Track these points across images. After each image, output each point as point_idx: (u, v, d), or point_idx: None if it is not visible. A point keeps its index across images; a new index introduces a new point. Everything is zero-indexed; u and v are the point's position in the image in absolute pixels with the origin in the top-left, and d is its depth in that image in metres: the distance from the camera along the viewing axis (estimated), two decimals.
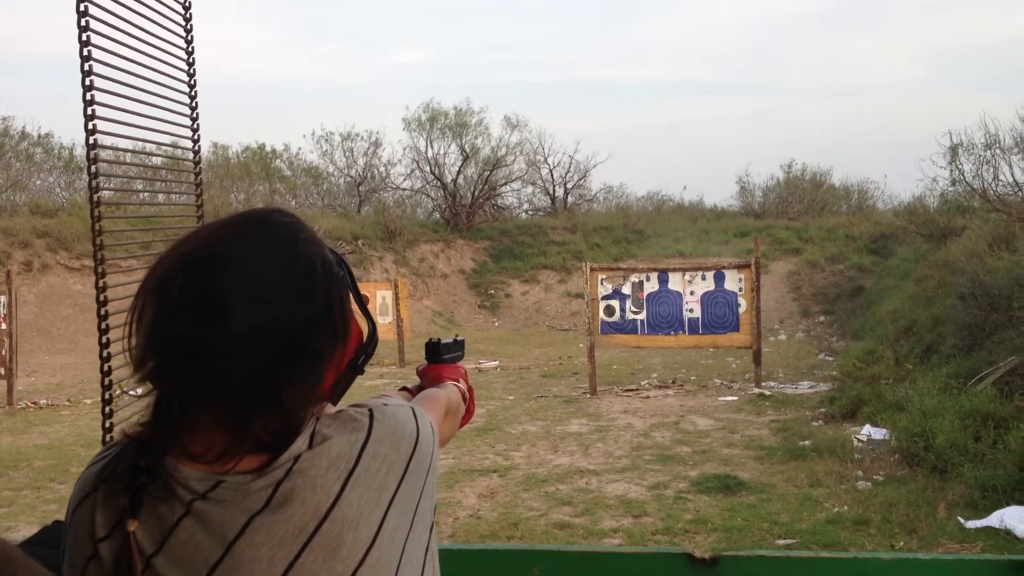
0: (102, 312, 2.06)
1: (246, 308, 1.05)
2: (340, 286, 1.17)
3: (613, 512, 7.35)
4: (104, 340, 2.07)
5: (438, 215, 30.37)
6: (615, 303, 13.59)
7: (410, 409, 1.21)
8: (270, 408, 1.06)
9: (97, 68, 2.20)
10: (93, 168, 2.25)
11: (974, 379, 9.34)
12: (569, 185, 33.13)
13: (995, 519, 6.26)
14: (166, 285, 1.07)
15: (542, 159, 32.54)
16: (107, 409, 2.07)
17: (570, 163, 32.96)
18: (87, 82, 2.16)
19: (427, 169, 30.55)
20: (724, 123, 62.83)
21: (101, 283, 2.13)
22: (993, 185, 14.79)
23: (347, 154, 31.87)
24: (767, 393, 12.50)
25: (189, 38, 2.60)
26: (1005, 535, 6.05)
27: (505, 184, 31.43)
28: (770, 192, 33.76)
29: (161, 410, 1.06)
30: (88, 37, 2.15)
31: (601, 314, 13.60)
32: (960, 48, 61.18)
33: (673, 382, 13.90)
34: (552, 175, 32.94)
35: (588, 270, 13.76)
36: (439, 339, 1.82)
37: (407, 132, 31.08)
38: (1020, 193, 14.47)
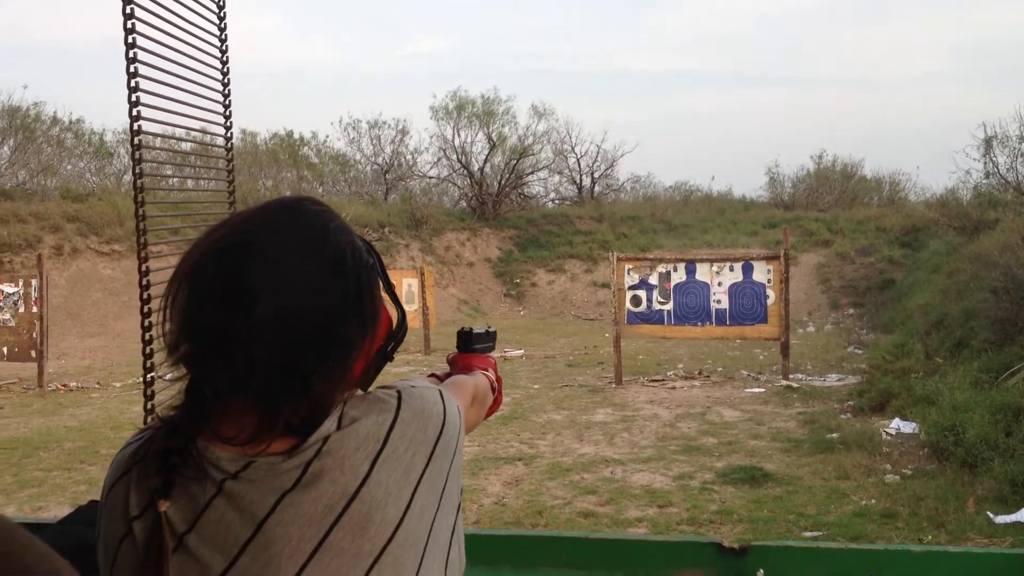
0: (144, 296, 2.06)
1: (273, 296, 1.07)
2: (370, 274, 1.18)
3: (638, 502, 7.33)
4: (146, 323, 2.07)
5: (464, 203, 30.38)
6: (642, 293, 13.54)
7: (437, 391, 1.22)
8: (298, 395, 1.08)
9: (140, 56, 2.23)
10: (137, 155, 2.27)
11: (1006, 373, 9.23)
12: (596, 175, 33.05)
13: None
14: (198, 272, 1.09)
15: (569, 148, 32.51)
16: (148, 391, 2.09)
17: (597, 152, 32.91)
18: (131, 69, 2.21)
19: (454, 157, 30.58)
20: (753, 113, 62.44)
21: (144, 267, 2.13)
22: None
23: (374, 142, 31.97)
24: (795, 385, 12.43)
25: (223, 25, 2.61)
26: None
27: (532, 173, 31.38)
28: (800, 183, 33.51)
29: (193, 394, 1.09)
30: (133, 25, 2.20)
31: (628, 304, 13.55)
32: (994, 39, 60.44)
33: (699, 373, 13.84)
34: (579, 164, 32.90)
35: (615, 260, 13.72)
36: (471, 328, 1.81)
37: (434, 120, 31.20)
38: None
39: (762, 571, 1.85)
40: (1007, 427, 7.65)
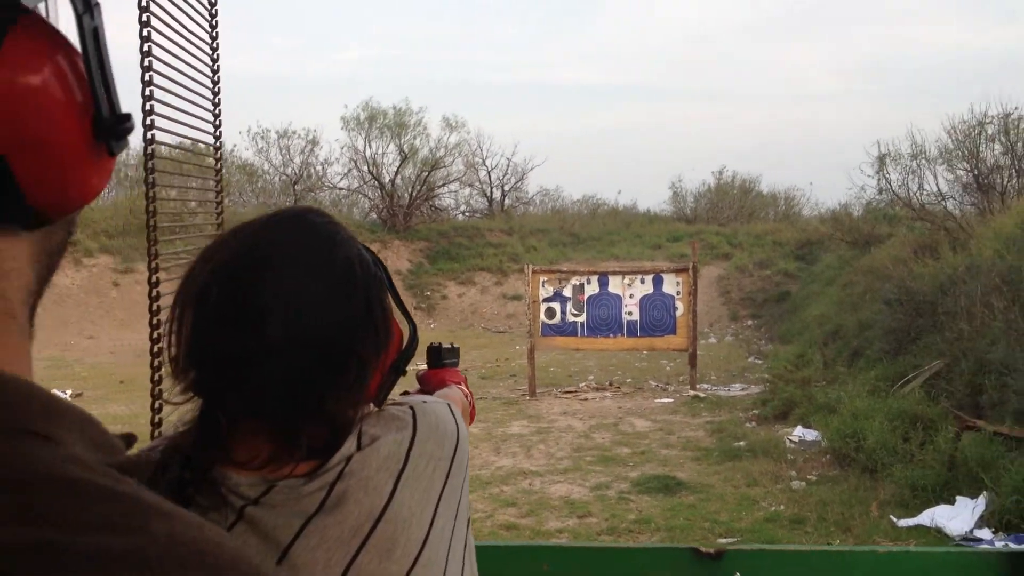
0: (154, 322, 2.10)
1: (284, 316, 1.03)
2: (379, 287, 1.14)
3: (558, 513, 7.49)
4: (155, 336, 2.10)
5: (375, 215, 30.19)
6: (556, 305, 13.74)
7: (447, 406, 1.23)
8: (315, 416, 1.05)
9: (152, 66, 2.29)
10: (150, 177, 2.31)
11: (901, 382, 9.70)
12: (506, 187, 33.25)
13: (926, 518, 6.55)
14: (204, 294, 1.06)
15: (480, 161, 32.61)
16: (156, 408, 2.11)
17: (508, 165, 33.09)
18: (146, 78, 2.24)
19: (365, 169, 30.35)
20: (658, 128, 63.65)
21: (155, 291, 2.16)
22: (918, 194, 15.32)
23: (283, 152, 31.51)
24: (701, 395, 12.78)
25: (214, 34, 2.64)
26: (936, 533, 6.34)
27: (443, 185, 31.39)
28: (701, 198, 34.30)
29: (206, 421, 1.06)
30: (148, 33, 2.22)
31: (542, 316, 13.74)
32: (887, 61, 62.81)
33: (610, 384, 14.10)
34: (490, 177, 33.04)
35: (530, 272, 13.90)
36: (440, 343, 1.77)
37: (345, 131, 30.83)
38: (944, 203, 15.01)
39: (738, 574, 1.98)
40: (904, 433, 8.05)
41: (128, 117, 0.60)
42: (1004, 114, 13.81)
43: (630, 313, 13.59)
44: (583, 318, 13.69)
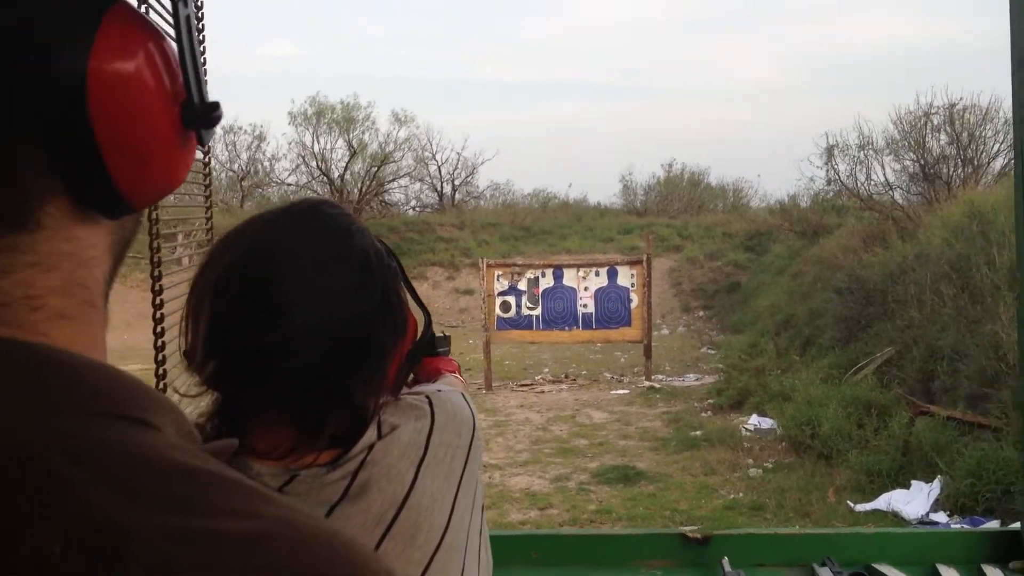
0: (157, 315, 2.04)
1: (305, 307, 1.04)
2: (394, 277, 1.15)
3: (519, 505, 7.49)
4: (159, 344, 2.05)
5: None
6: (511, 299, 13.73)
7: (461, 395, 1.25)
8: (339, 405, 1.06)
9: None
10: None
11: (853, 369, 9.84)
12: (457, 182, 33.14)
13: (882, 502, 6.65)
14: (222, 287, 1.06)
15: (430, 156, 32.44)
16: None
17: (458, 160, 32.97)
18: None
19: (313, 164, 30.06)
20: (607, 122, 63.68)
21: (157, 286, 2.11)
22: (866, 185, 15.54)
23: (229, 148, 31.10)
24: (657, 386, 12.86)
25: (200, 25, 2.60)
26: (893, 517, 6.44)
27: (393, 180, 31.18)
28: (651, 191, 34.49)
29: (226, 412, 1.06)
30: None
31: (497, 310, 13.72)
32: (832, 54, 63.56)
33: (566, 376, 14.12)
34: (440, 172, 32.89)
35: (485, 267, 13.87)
36: (434, 332, 1.81)
37: (292, 126, 30.53)
38: (891, 193, 15.24)
39: (726, 558, 1.99)
40: (859, 420, 8.17)
41: (217, 105, 0.61)
42: (949, 105, 14.06)
43: (585, 306, 13.63)
44: (538, 311, 13.70)
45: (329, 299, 1.06)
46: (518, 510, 7.35)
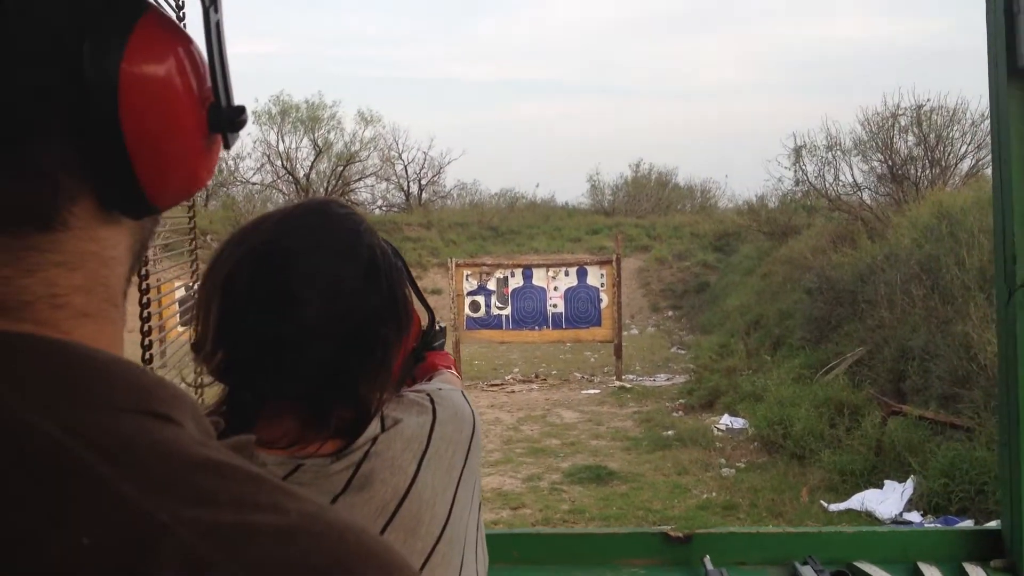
0: (144, 315, 1.97)
1: (317, 299, 1.07)
2: (399, 275, 1.18)
3: (491, 505, 7.41)
4: (146, 343, 1.98)
5: None
6: (480, 299, 13.68)
7: (461, 393, 1.28)
8: (346, 397, 1.08)
9: None
10: None
11: (824, 369, 9.86)
12: (423, 182, 33.01)
13: (855, 502, 6.64)
14: (233, 280, 1.08)
15: (396, 155, 32.29)
16: None
17: (424, 159, 32.85)
18: None
19: (278, 163, 29.82)
20: (575, 122, 63.91)
21: (145, 299, 2.05)
22: (834, 185, 15.60)
23: None
24: (628, 386, 12.84)
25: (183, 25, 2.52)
26: (866, 517, 6.42)
27: (359, 180, 31.01)
28: (619, 191, 34.55)
29: (235, 402, 1.08)
30: None
31: (467, 310, 13.65)
32: (799, 53, 64.26)
33: (536, 376, 14.08)
34: (407, 171, 32.75)
35: (454, 266, 13.81)
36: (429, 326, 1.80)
37: (257, 125, 30.25)
38: (859, 193, 15.32)
39: (708, 557, 1.95)
40: (831, 419, 8.18)
41: (243, 110, 0.62)
42: (917, 106, 14.12)
43: (555, 306, 13.60)
44: (508, 311, 13.65)
45: (338, 293, 1.09)
46: (491, 510, 7.26)
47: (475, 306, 13.67)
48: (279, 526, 0.46)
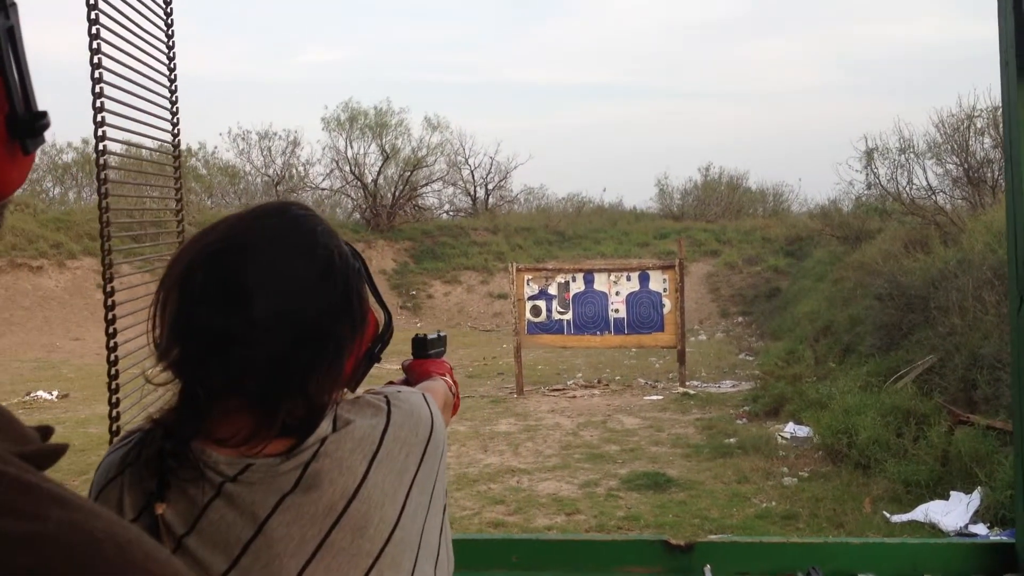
0: (109, 316, 1.99)
1: (267, 296, 1.08)
2: (357, 277, 1.20)
3: (546, 510, 7.37)
4: (111, 343, 2.00)
5: (358, 215, 30.05)
6: (541, 303, 13.63)
7: (422, 396, 1.26)
8: (294, 394, 1.09)
9: (99, 75, 2.27)
10: (102, 161, 2.30)
11: (893, 377, 9.60)
12: (490, 186, 33.14)
13: (919, 513, 6.44)
14: (188, 276, 1.10)
15: (463, 160, 32.49)
16: (113, 405, 2.04)
17: (491, 164, 32.99)
18: (96, 90, 2.24)
19: (347, 169, 30.21)
20: (643, 125, 63.50)
21: (109, 287, 2.08)
22: (908, 189, 15.23)
23: (264, 153, 31.35)
24: (691, 392, 12.68)
25: (170, 32, 2.57)
26: (930, 528, 6.22)
27: (426, 185, 31.26)
28: (688, 195, 34.22)
29: (187, 396, 1.09)
30: (99, 46, 2.22)
31: (528, 314, 13.62)
32: (872, 55, 62.85)
33: (598, 382, 13.99)
34: (473, 176, 32.92)
35: (515, 271, 13.78)
36: (425, 334, 1.81)
37: (326, 131, 30.69)
38: (933, 197, 14.92)
39: (709, 566, 1.89)
40: (897, 429, 7.95)
41: (44, 115, 0.61)
42: (993, 107, 13.68)
43: (616, 310, 13.49)
44: (569, 316, 13.58)
45: (290, 290, 1.10)
46: (545, 515, 7.22)
47: (536, 311, 13.63)
48: (28, 533, 0.45)
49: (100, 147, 2.30)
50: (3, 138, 0.59)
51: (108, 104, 2.31)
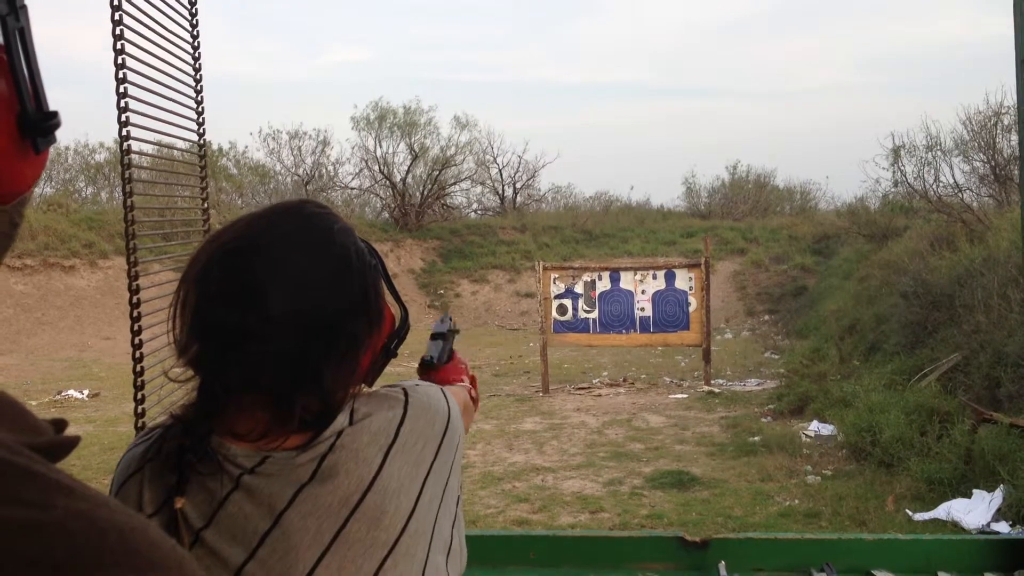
0: (135, 315, 2.07)
1: (283, 294, 1.10)
2: (373, 274, 1.21)
3: (570, 508, 7.44)
4: (136, 340, 2.07)
5: (387, 214, 30.20)
6: (567, 302, 13.68)
7: (440, 390, 1.28)
8: (310, 389, 1.11)
9: (124, 75, 2.30)
10: (127, 160, 2.32)
11: (918, 375, 9.59)
12: (518, 185, 33.21)
13: (942, 511, 6.45)
14: (206, 274, 1.12)
15: (491, 159, 32.58)
16: (139, 402, 2.10)
17: (519, 163, 33.08)
18: (121, 89, 2.27)
19: (376, 168, 30.36)
20: (670, 124, 63.43)
21: (135, 286, 2.14)
22: (934, 186, 15.13)
23: (295, 152, 31.58)
24: (716, 391, 12.69)
25: (195, 32, 2.63)
26: (952, 526, 6.24)
27: (454, 184, 31.36)
28: (715, 193, 34.14)
29: (205, 392, 1.11)
30: (123, 46, 2.25)
31: (554, 313, 13.68)
32: (899, 52, 62.42)
33: (624, 380, 14.02)
34: (501, 175, 33.01)
35: (541, 269, 13.84)
36: (431, 357, 1.72)
37: (355, 131, 30.86)
38: (960, 195, 14.83)
39: (724, 563, 1.94)
40: (921, 427, 7.95)
41: (54, 115, 0.63)
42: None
43: (642, 309, 13.51)
44: (595, 314, 13.62)
45: (306, 287, 1.12)
46: (569, 513, 7.29)
47: (562, 309, 13.68)
48: (32, 521, 0.47)
49: (125, 146, 2.35)
50: (15, 137, 0.61)
51: (134, 104, 2.36)
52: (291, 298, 1.10)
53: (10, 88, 0.61)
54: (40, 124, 0.62)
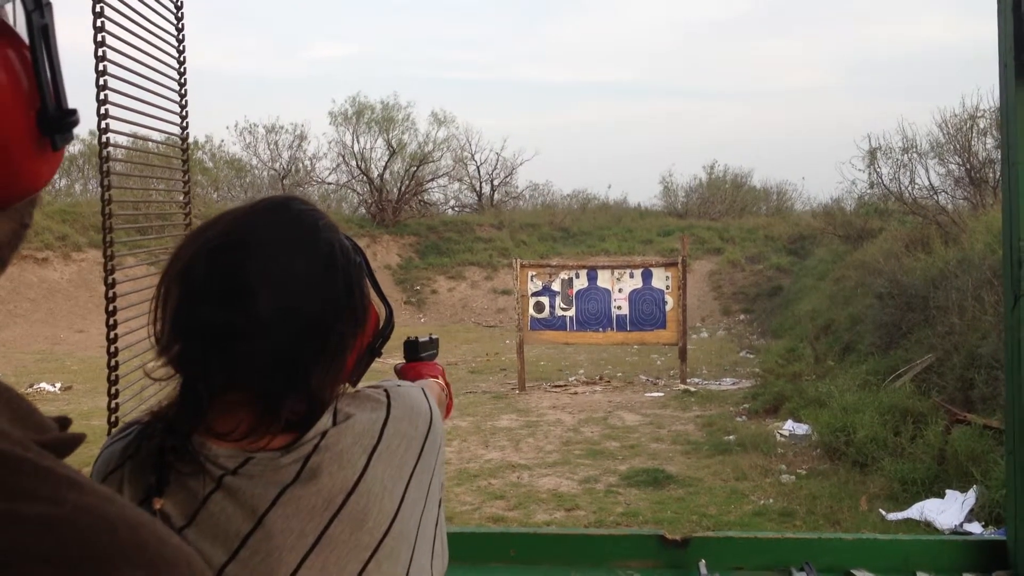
0: (110, 308, 2.04)
1: (270, 292, 1.08)
2: (358, 271, 1.20)
3: (545, 506, 7.43)
4: (112, 335, 2.04)
5: (364, 210, 30.09)
6: (545, 300, 13.69)
7: (421, 391, 1.26)
8: (297, 389, 1.09)
9: (104, 67, 2.28)
10: (105, 153, 2.29)
11: (892, 376, 9.65)
12: (496, 182, 33.19)
13: (915, 511, 6.50)
14: (190, 271, 1.10)
15: (469, 156, 32.54)
16: (112, 396, 2.07)
17: (497, 160, 33.05)
18: (100, 81, 2.26)
19: (353, 163, 30.22)
20: (648, 124, 63.61)
21: (110, 280, 2.11)
22: (910, 188, 15.25)
23: (271, 147, 31.44)
24: (692, 389, 12.73)
25: (180, 25, 2.60)
26: (925, 526, 6.28)
27: (432, 180, 31.29)
28: (692, 192, 34.25)
29: (188, 391, 1.09)
30: (103, 38, 2.23)
31: (531, 310, 13.68)
32: (877, 55, 62.91)
33: (600, 378, 14.05)
34: (479, 172, 32.98)
35: (518, 266, 13.83)
36: (416, 337, 1.79)
37: (333, 126, 30.83)
38: (935, 197, 14.95)
39: (703, 561, 1.93)
40: (895, 427, 8.00)
41: (73, 112, 0.62)
42: (996, 108, 13.72)
43: (619, 307, 13.54)
44: (572, 312, 13.64)
45: (293, 285, 1.10)
46: (544, 511, 7.29)
47: (539, 307, 13.68)
48: (46, 516, 0.47)
49: (104, 139, 2.33)
50: (34, 134, 0.60)
51: (114, 97, 2.33)
52: (279, 297, 1.09)
53: (32, 85, 0.60)
54: (60, 121, 0.62)
